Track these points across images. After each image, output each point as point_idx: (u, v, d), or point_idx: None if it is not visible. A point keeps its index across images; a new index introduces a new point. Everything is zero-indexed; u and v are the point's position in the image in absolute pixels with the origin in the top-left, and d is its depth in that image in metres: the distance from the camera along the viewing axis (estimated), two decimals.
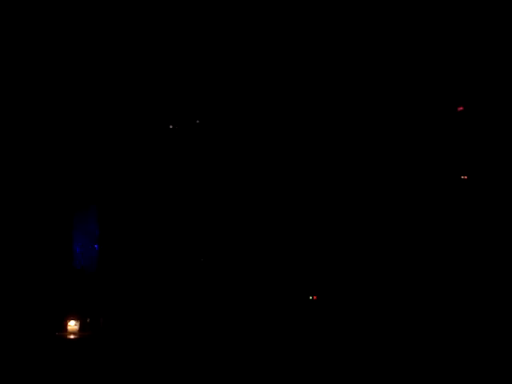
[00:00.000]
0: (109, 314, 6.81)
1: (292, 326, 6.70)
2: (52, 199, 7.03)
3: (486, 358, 5.92)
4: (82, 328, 6.66)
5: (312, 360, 6.15)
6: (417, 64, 6.95)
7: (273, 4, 6.96)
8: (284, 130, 7.25)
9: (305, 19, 6.97)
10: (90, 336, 6.57)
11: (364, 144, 7.12)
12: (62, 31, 6.91)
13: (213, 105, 7.32)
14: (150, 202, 7.23)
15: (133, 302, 6.85)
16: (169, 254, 7.11)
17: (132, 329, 6.67)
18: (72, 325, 6.60)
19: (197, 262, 7.12)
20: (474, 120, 6.89)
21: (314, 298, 6.93)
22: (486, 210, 6.73)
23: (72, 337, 6.51)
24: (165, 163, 7.30)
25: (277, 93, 7.23)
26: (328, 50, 7.07)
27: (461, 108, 6.93)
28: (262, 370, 5.96)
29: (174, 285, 6.97)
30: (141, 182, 7.23)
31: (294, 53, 7.10)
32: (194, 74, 7.23)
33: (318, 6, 6.93)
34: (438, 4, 6.72)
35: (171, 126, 7.13)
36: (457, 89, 6.92)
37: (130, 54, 7.11)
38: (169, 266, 7.06)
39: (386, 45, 6.96)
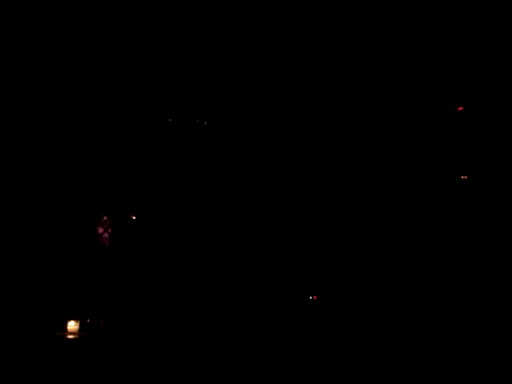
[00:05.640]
0: (109, 313, 6.81)
1: (292, 326, 6.70)
2: (52, 198, 7.03)
3: (486, 358, 5.92)
4: (82, 328, 6.66)
5: (312, 360, 6.15)
6: (417, 64, 6.96)
7: (273, 4, 6.97)
8: (284, 129, 7.26)
9: (305, 19, 6.98)
10: (90, 336, 6.57)
11: (364, 144, 7.12)
12: (62, 31, 6.92)
13: (213, 104, 7.33)
14: (150, 202, 7.24)
15: (133, 302, 6.85)
16: (169, 253, 7.11)
17: (132, 329, 6.67)
18: (72, 325, 6.60)
19: (197, 262, 7.12)
20: (474, 120, 6.90)
21: (314, 297, 6.93)
22: (486, 210, 6.73)
23: (72, 337, 6.51)
24: (164, 163, 7.30)
25: (277, 92, 7.24)
26: (328, 50, 7.08)
27: (461, 108, 6.93)
28: (262, 370, 5.96)
29: (174, 285, 6.98)
30: (140, 182, 7.24)
31: (294, 52, 7.11)
32: (194, 74, 7.24)
33: (317, 6, 6.94)
34: (438, 4, 6.73)
35: (170, 120, 7.13)
36: (457, 89, 6.93)
37: (130, 53, 7.11)
38: (169, 266, 7.07)
39: (386, 45, 6.97)
